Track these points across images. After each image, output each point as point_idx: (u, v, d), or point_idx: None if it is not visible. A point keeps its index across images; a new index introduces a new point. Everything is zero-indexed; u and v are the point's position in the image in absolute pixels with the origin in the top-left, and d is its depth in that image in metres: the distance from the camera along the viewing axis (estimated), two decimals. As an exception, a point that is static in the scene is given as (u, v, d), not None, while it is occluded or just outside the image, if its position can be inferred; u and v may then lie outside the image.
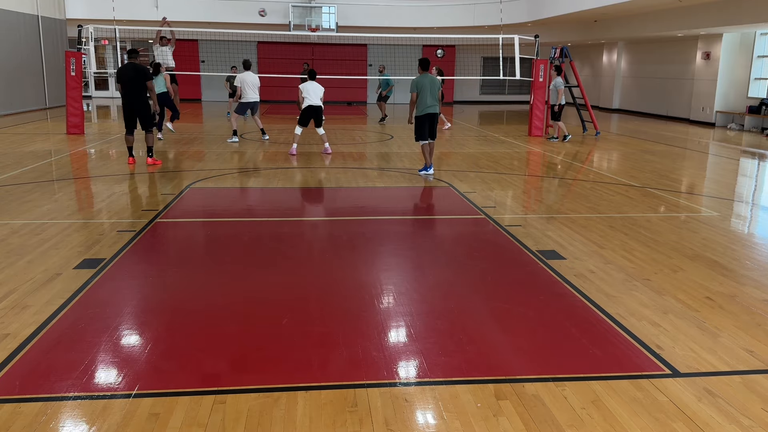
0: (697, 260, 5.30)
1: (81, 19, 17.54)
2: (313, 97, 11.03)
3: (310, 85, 11.09)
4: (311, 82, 11.17)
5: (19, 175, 8.64)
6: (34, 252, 5.21)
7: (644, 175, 9.58)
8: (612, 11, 17.10)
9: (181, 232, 6.29)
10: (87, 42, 14.03)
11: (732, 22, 14.76)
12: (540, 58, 14.79)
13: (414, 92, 8.89)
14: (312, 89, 11.06)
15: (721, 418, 2.90)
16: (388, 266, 5.14)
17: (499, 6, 19.36)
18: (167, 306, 4.21)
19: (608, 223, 6.55)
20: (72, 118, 13.47)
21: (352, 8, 22.16)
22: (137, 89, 9.21)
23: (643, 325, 3.92)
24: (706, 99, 18.41)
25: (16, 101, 17.75)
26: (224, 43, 24.54)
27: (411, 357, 3.46)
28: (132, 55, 9.43)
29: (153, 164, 9.57)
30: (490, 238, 6.03)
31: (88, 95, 25.94)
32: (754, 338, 3.77)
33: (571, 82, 15.90)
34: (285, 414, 2.87)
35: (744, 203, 7.99)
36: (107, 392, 3.02)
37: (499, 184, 8.68)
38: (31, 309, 4.01)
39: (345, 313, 4.08)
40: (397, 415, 2.88)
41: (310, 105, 11.04)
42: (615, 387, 3.15)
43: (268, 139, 12.93)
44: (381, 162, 10.56)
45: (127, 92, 9.27)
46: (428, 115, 8.95)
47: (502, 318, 4.03)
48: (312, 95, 11.04)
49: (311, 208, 7.62)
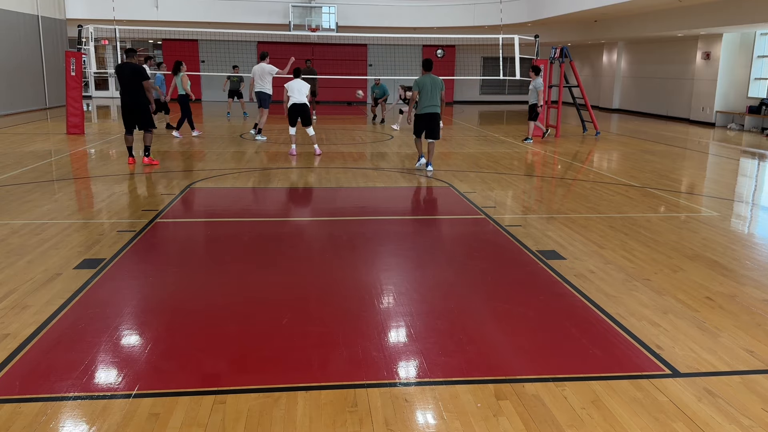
0: (697, 260, 5.31)
1: (81, 19, 17.54)
2: (297, 95, 10.76)
3: (295, 83, 10.82)
4: (297, 80, 10.92)
5: (19, 175, 8.64)
6: (34, 252, 5.21)
7: (644, 175, 9.58)
8: (612, 11, 17.11)
9: (181, 232, 6.29)
10: (87, 42, 14.04)
11: (732, 22, 14.77)
12: (540, 58, 14.79)
13: (415, 91, 9.24)
14: (296, 87, 10.78)
15: (721, 418, 2.90)
16: (388, 266, 5.14)
17: (499, 6, 19.37)
18: (167, 306, 4.21)
19: (608, 223, 6.55)
20: (72, 118, 13.47)
21: (352, 8, 22.17)
22: (134, 89, 9.20)
23: (643, 325, 3.92)
24: (706, 99, 18.41)
25: (16, 101, 17.75)
26: (224, 43, 24.55)
27: (411, 357, 3.46)
28: (129, 54, 9.39)
29: (150, 164, 9.56)
30: (490, 238, 6.03)
31: (88, 95, 25.95)
32: (754, 338, 3.77)
33: (571, 82, 15.89)
34: (285, 414, 2.87)
35: (744, 203, 7.99)
36: (107, 392, 3.02)
37: (499, 184, 8.68)
38: (31, 309, 4.01)
39: (345, 313, 4.08)
40: (397, 415, 2.88)
41: (294, 103, 10.78)
42: (615, 387, 3.15)
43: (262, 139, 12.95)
44: (381, 162, 10.56)
45: (124, 92, 9.27)
46: (428, 114, 9.24)
47: (502, 318, 4.03)
48: (296, 93, 10.76)
49: (311, 208, 7.61)
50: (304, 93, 10.78)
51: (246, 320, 3.94)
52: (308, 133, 11.17)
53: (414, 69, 25.64)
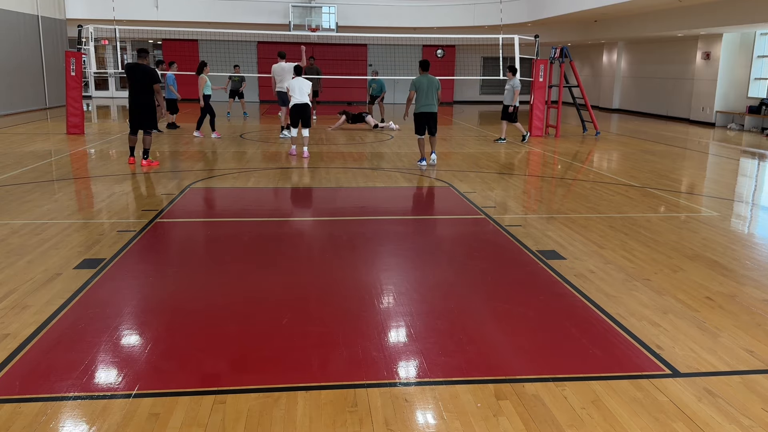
0: (697, 260, 5.31)
1: (81, 19, 17.54)
2: (299, 95, 10.48)
3: (297, 82, 10.52)
4: (299, 78, 10.62)
5: (19, 175, 8.64)
6: (34, 252, 5.21)
7: (644, 175, 9.59)
8: (612, 11, 17.11)
9: (181, 232, 6.29)
10: (87, 42, 14.04)
11: (732, 22, 14.77)
12: (540, 58, 14.79)
13: (412, 90, 9.65)
14: (298, 86, 10.49)
15: (721, 418, 2.90)
16: (388, 266, 5.14)
17: (499, 6, 19.38)
18: (167, 306, 4.21)
19: (608, 223, 6.55)
20: (72, 118, 13.47)
21: (352, 8, 22.17)
22: (143, 90, 9.20)
23: (643, 325, 3.92)
24: (706, 99, 18.41)
25: (16, 101, 17.75)
26: (224, 43, 24.56)
27: (411, 357, 3.46)
28: (141, 54, 9.41)
29: (148, 166, 9.53)
30: (490, 238, 6.03)
31: (88, 95, 25.95)
32: (754, 338, 3.77)
33: (571, 82, 15.89)
34: (285, 414, 2.87)
35: (744, 203, 7.99)
36: (107, 392, 3.02)
37: (499, 184, 8.68)
38: (31, 309, 4.01)
39: (345, 313, 4.08)
40: (397, 415, 2.88)
41: (296, 104, 10.53)
42: (615, 387, 3.15)
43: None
44: (381, 162, 10.56)
45: (133, 92, 9.27)
46: (424, 114, 9.68)
47: (502, 318, 4.03)
48: (297, 92, 10.48)
49: (311, 208, 7.61)
50: (306, 92, 10.56)
51: (246, 320, 3.94)
52: (302, 134, 10.88)
53: (414, 69, 25.70)
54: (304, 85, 10.58)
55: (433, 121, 9.75)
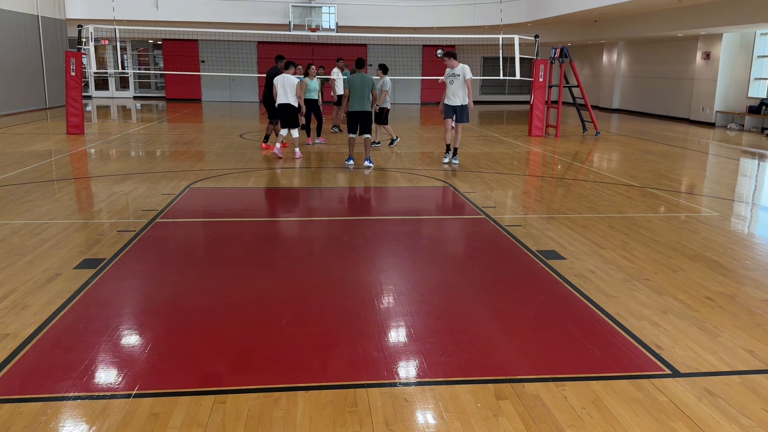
0: (697, 260, 5.30)
1: (81, 19, 17.55)
2: (281, 94, 9.99)
3: (281, 79, 9.99)
4: (284, 74, 10.06)
5: (19, 175, 8.64)
6: (34, 252, 5.21)
7: (644, 175, 9.58)
8: (612, 11, 17.11)
9: (181, 232, 6.29)
10: (87, 42, 14.04)
11: (732, 22, 14.77)
12: (540, 58, 14.79)
13: (346, 89, 9.57)
14: (281, 84, 9.95)
15: (721, 418, 2.90)
16: (388, 266, 5.14)
17: (499, 6, 19.38)
18: (167, 306, 4.21)
19: (608, 223, 6.55)
20: (72, 118, 13.47)
21: (352, 8, 22.16)
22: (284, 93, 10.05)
23: (643, 325, 3.92)
24: (706, 99, 18.41)
25: (16, 101, 17.76)
26: (224, 43, 24.55)
27: (411, 357, 3.46)
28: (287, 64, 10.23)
29: (266, 149, 11.28)
30: (490, 238, 6.03)
31: (88, 95, 25.95)
32: (754, 338, 3.77)
33: (571, 82, 15.89)
34: (285, 414, 2.87)
35: (744, 203, 7.99)
36: (107, 392, 3.02)
37: (499, 184, 8.68)
38: (31, 309, 4.01)
39: (345, 313, 4.08)
40: (397, 415, 2.88)
41: (279, 104, 10.07)
42: (615, 387, 3.15)
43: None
44: (380, 162, 10.55)
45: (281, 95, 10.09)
46: (356, 113, 9.56)
47: (502, 318, 4.03)
48: (281, 92, 9.96)
49: (311, 208, 7.61)
50: (289, 92, 9.97)
51: (246, 320, 3.94)
52: (292, 135, 10.41)
53: (414, 69, 25.69)
54: (287, 82, 9.98)
55: (366, 120, 9.55)
